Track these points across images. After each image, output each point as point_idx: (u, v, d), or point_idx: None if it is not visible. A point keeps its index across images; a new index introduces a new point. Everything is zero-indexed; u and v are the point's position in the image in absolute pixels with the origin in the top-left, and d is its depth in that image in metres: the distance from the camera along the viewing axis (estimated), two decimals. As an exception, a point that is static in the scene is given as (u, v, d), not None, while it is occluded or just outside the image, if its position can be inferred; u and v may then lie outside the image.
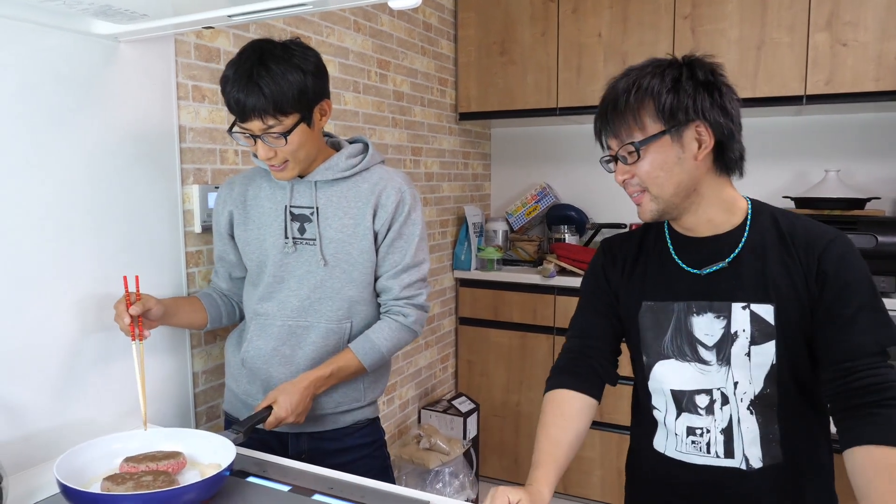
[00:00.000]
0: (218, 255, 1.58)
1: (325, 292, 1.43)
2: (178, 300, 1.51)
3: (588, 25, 2.82)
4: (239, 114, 1.28)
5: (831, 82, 2.44)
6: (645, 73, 1.11)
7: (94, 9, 1.21)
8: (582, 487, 2.84)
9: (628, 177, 1.14)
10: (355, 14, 2.32)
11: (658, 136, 1.09)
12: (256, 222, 1.46)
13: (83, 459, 1.14)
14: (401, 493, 1.15)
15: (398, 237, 1.45)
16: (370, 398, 1.53)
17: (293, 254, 1.43)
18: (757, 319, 1.12)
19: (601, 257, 1.31)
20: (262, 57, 1.26)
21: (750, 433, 1.14)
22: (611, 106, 1.13)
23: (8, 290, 1.24)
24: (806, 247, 1.11)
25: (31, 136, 1.26)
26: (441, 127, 3.00)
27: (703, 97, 1.08)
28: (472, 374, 3.09)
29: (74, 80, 1.34)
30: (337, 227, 1.42)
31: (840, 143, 2.82)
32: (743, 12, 2.54)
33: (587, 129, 3.22)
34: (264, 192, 1.47)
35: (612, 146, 1.15)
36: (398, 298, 1.47)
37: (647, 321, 1.20)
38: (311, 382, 1.39)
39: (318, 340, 1.44)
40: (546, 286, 2.85)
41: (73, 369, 1.36)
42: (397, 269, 1.46)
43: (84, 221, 1.37)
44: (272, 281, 1.45)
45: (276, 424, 1.36)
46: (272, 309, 1.46)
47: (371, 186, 1.44)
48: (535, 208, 3.32)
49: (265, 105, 1.25)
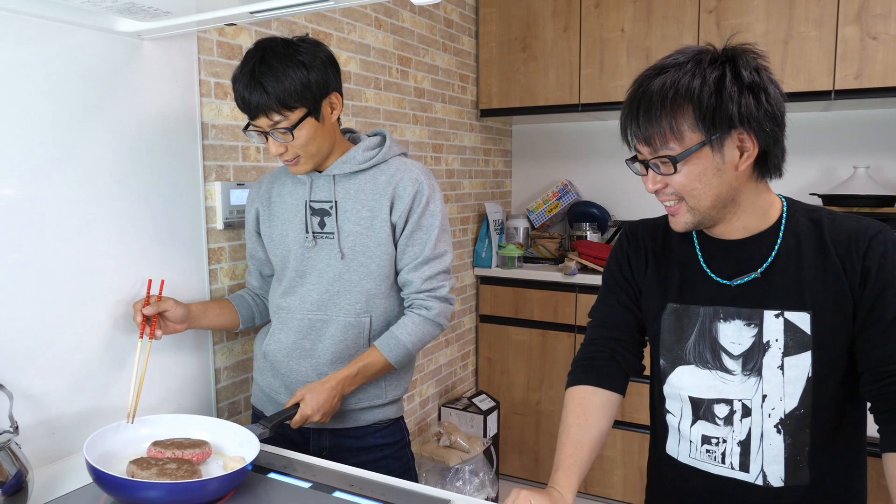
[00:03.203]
0: (249, 254, 1.62)
1: (343, 286, 1.44)
2: (206, 303, 1.55)
3: (611, 20, 2.79)
4: (246, 112, 1.33)
5: (860, 76, 2.38)
6: (683, 71, 0.99)
7: (118, 6, 1.22)
8: (603, 487, 2.82)
9: (661, 186, 1.05)
10: (376, 10, 2.31)
11: (697, 149, 0.99)
12: (280, 218, 1.49)
13: (112, 440, 1.18)
14: (421, 492, 1.15)
15: (417, 229, 1.44)
16: (392, 396, 1.53)
17: (314, 248, 1.44)
18: (791, 328, 1.04)
19: (625, 243, 1.24)
20: (264, 55, 1.29)
21: (773, 450, 1.07)
22: (643, 108, 1.01)
23: (33, 284, 1.25)
24: (847, 248, 1.03)
25: (56, 133, 1.28)
26: (462, 124, 2.99)
27: (749, 101, 0.98)
28: (492, 372, 3.08)
29: (99, 77, 1.35)
30: (355, 220, 1.42)
31: (869, 139, 2.76)
32: (769, 5, 2.50)
33: (609, 125, 3.22)
34: (287, 189, 1.49)
35: (643, 152, 1.05)
36: (420, 291, 1.46)
37: (670, 324, 1.14)
38: (338, 382, 1.40)
39: (337, 334, 1.45)
40: (567, 284, 2.82)
41: (97, 363, 1.38)
42: (417, 261, 1.44)
43: (108, 217, 1.39)
44: (294, 276, 1.47)
45: (301, 422, 1.37)
46: (293, 303, 1.48)
47: (388, 178, 1.43)
48: (556, 205, 3.29)
49: (269, 101, 1.28)
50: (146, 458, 1.13)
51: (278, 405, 1.51)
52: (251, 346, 1.82)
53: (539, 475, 2.98)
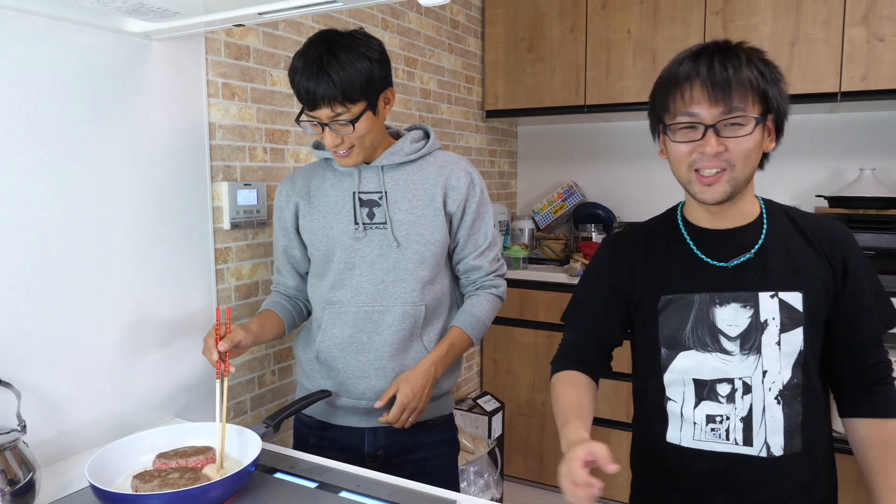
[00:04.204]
0: (283, 252, 1.55)
1: (399, 274, 1.43)
2: (262, 321, 1.47)
3: (617, 21, 2.79)
4: (308, 102, 1.31)
5: (867, 78, 2.38)
6: (737, 54, 1.06)
7: (127, 7, 1.22)
8: (608, 488, 2.80)
9: (722, 150, 1.06)
10: (383, 12, 2.32)
11: (762, 120, 1.06)
12: (322, 211, 1.46)
13: (115, 456, 1.15)
14: (427, 492, 1.15)
15: (477, 218, 1.50)
16: (445, 388, 1.53)
17: (363, 239, 1.43)
18: (786, 307, 1.13)
19: (604, 256, 1.30)
20: (330, 46, 1.29)
21: (775, 422, 1.14)
22: (723, 58, 1.05)
23: (41, 283, 1.26)
24: (828, 241, 1.15)
25: (65, 132, 1.28)
26: (468, 125, 3.00)
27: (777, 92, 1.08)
28: (497, 373, 3.08)
29: (107, 77, 1.36)
30: (406, 209, 1.43)
31: (876, 141, 2.75)
32: (776, 7, 2.49)
33: (615, 126, 3.22)
34: (328, 182, 1.47)
35: (707, 114, 1.06)
36: (488, 273, 1.55)
37: (667, 314, 1.19)
38: (430, 364, 1.43)
39: (395, 324, 1.44)
40: (572, 285, 2.81)
41: (105, 361, 1.38)
42: (483, 248, 1.52)
43: (117, 217, 1.39)
44: (343, 268, 1.44)
45: (399, 413, 1.38)
46: (346, 296, 1.45)
47: (437, 169, 1.47)
48: (561, 206, 3.29)
49: (334, 93, 1.28)
50: (149, 471, 1.11)
51: (332, 408, 1.50)
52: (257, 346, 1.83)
53: (544, 476, 2.98)
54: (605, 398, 2.71)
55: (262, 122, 1.81)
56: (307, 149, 1.97)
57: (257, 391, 1.84)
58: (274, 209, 1.55)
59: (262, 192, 1.77)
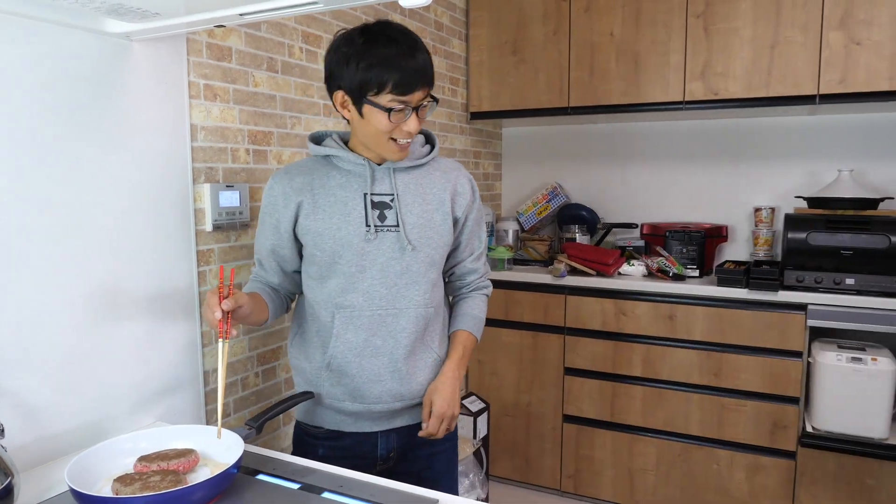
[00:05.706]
0: (269, 250, 1.47)
1: (412, 277, 1.42)
2: (254, 297, 1.39)
3: (600, 24, 2.81)
4: (406, 85, 1.30)
5: (845, 81, 2.41)
6: None
7: (106, 7, 1.21)
8: (593, 487, 2.83)
9: None
10: (367, 13, 2.32)
11: None
12: (328, 211, 1.40)
13: (95, 460, 1.14)
14: (410, 492, 1.15)
15: (476, 223, 1.56)
16: None
17: (374, 241, 1.40)
18: None
19: None
20: (405, 32, 1.33)
21: None
22: None
23: (18, 286, 1.24)
24: None
25: (45, 133, 1.27)
26: (452, 126, 3.00)
27: None
28: (482, 374, 3.09)
29: (87, 78, 1.35)
30: (418, 212, 1.43)
31: (853, 143, 2.79)
32: (756, 11, 2.53)
33: (599, 128, 3.24)
34: (335, 181, 1.42)
35: None
36: (482, 276, 1.61)
37: None
38: (453, 370, 1.48)
39: (409, 326, 1.43)
40: (557, 286, 2.84)
41: (83, 365, 1.37)
42: (478, 252, 1.58)
43: (96, 218, 1.38)
44: (354, 271, 1.40)
45: (438, 425, 1.42)
46: (358, 300, 1.41)
47: (443, 174, 1.50)
48: (546, 208, 3.31)
49: (428, 76, 1.33)
50: (131, 474, 1.10)
51: (343, 415, 1.48)
52: (241, 347, 1.82)
53: (530, 477, 2.99)
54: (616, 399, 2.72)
55: (245, 124, 1.80)
56: (290, 150, 1.96)
57: (241, 393, 1.83)
58: (265, 206, 1.46)
59: (244, 194, 1.77)
